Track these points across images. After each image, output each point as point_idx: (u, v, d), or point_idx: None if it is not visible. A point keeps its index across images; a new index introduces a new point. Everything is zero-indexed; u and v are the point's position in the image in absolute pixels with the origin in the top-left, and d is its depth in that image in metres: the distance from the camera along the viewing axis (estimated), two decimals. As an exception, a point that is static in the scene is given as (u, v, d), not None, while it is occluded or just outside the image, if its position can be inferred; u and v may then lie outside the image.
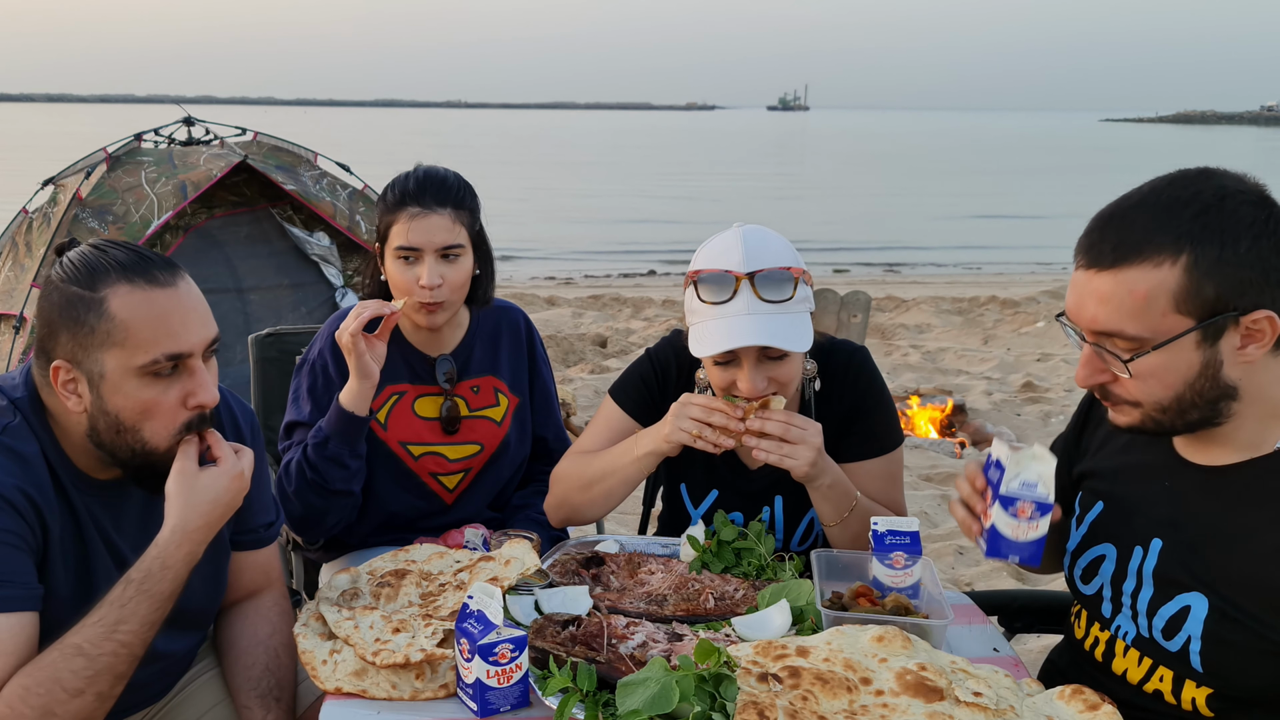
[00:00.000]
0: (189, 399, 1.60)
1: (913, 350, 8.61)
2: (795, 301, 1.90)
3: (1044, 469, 1.57)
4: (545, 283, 13.65)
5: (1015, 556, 1.58)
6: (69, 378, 1.57)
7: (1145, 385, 1.49)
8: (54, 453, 1.62)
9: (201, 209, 5.62)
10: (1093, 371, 1.54)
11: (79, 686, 1.48)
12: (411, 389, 2.33)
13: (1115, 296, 1.45)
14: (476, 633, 1.50)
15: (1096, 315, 1.48)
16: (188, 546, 1.58)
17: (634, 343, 8.74)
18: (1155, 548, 1.60)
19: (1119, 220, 1.48)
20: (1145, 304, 1.43)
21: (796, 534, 2.18)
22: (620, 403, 2.20)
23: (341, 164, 6.14)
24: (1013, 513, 1.58)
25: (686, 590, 1.86)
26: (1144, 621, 1.60)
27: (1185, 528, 1.58)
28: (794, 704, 1.33)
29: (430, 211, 2.17)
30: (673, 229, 18.64)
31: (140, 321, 1.54)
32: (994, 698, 1.37)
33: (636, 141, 74.48)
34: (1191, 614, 1.53)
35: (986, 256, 16.97)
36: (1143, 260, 1.43)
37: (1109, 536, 1.70)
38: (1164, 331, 1.44)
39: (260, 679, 1.79)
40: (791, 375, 1.96)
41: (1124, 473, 1.71)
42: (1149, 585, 1.60)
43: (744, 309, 1.87)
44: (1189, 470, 1.60)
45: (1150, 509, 1.63)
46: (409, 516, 2.37)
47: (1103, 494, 1.74)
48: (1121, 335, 1.46)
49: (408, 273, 2.19)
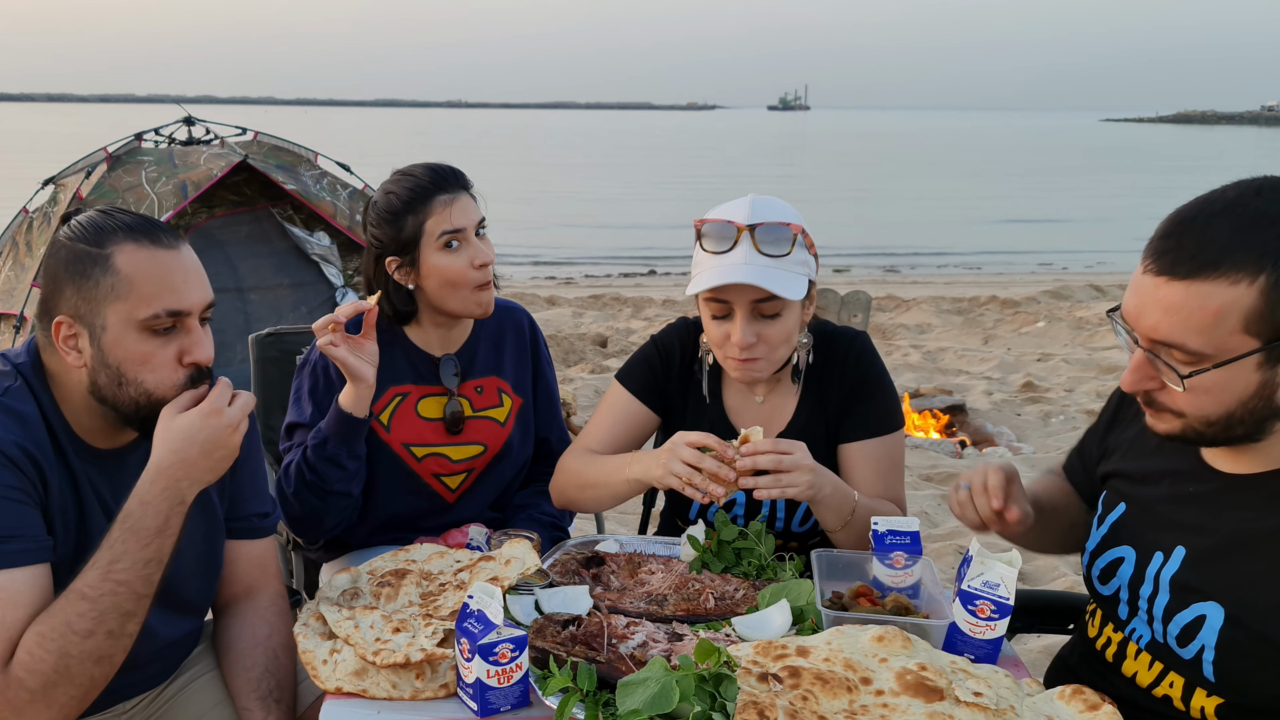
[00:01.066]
0: (184, 356, 1.66)
1: (913, 350, 8.61)
2: (792, 259, 1.95)
3: (1007, 572, 1.58)
4: (546, 282, 13.66)
5: (971, 655, 1.59)
6: (70, 333, 1.62)
7: (1197, 400, 1.43)
8: (55, 417, 1.67)
9: (202, 208, 5.63)
10: (1143, 379, 1.47)
11: (88, 628, 1.53)
12: (415, 390, 2.33)
13: (1185, 309, 1.37)
14: (477, 632, 1.50)
15: (1159, 324, 1.40)
16: (162, 482, 1.60)
17: (634, 342, 8.75)
18: (1178, 555, 1.57)
19: (1200, 228, 1.38)
20: (1215, 321, 1.36)
21: (797, 515, 2.19)
22: (626, 385, 2.23)
23: (342, 164, 6.15)
24: (972, 610, 1.60)
25: (687, 590, 1.86)
26: (1159, 627, 1.58)
27: (1208, 536, 1.54)
28: (794, 704, 1.33)
29: (458, 194, 2.23)
30: (673, 228, 18.66)
31: (144, 277, 1.61)
32: (994, 698, 1.37)
33: (637, 141, 74.50)
34: (1207, 623, 1.51)
35: (987, 256, 16.97)
36: (1220, 276, 1.34)
37: (1129, 539, 1.67)
38: (1228, 350, 1.37)
39: (260, 680, 1.79)
40: (783, 336, 2.00)
41: (1150, 476, 1.68)
42: (1165, 592, 1.58)
43: (741, 259, 1.93)
44: (1215, 478, 1.56)
45: (1174, 515, 1.60)
46: (410, 517, 2.37)
47: (1127, 495, 1.71)
48: (1183, 349, 1.39)
49: (458, 258, 2.21)
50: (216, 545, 1.87)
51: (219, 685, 1.87)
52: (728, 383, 2.22)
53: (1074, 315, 9.98)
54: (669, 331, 2.26)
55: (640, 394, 2.21)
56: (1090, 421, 1.89)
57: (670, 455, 1.87)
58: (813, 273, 2.03)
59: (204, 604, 1.91)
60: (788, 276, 1.94)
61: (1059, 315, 10.01)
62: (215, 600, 1.94)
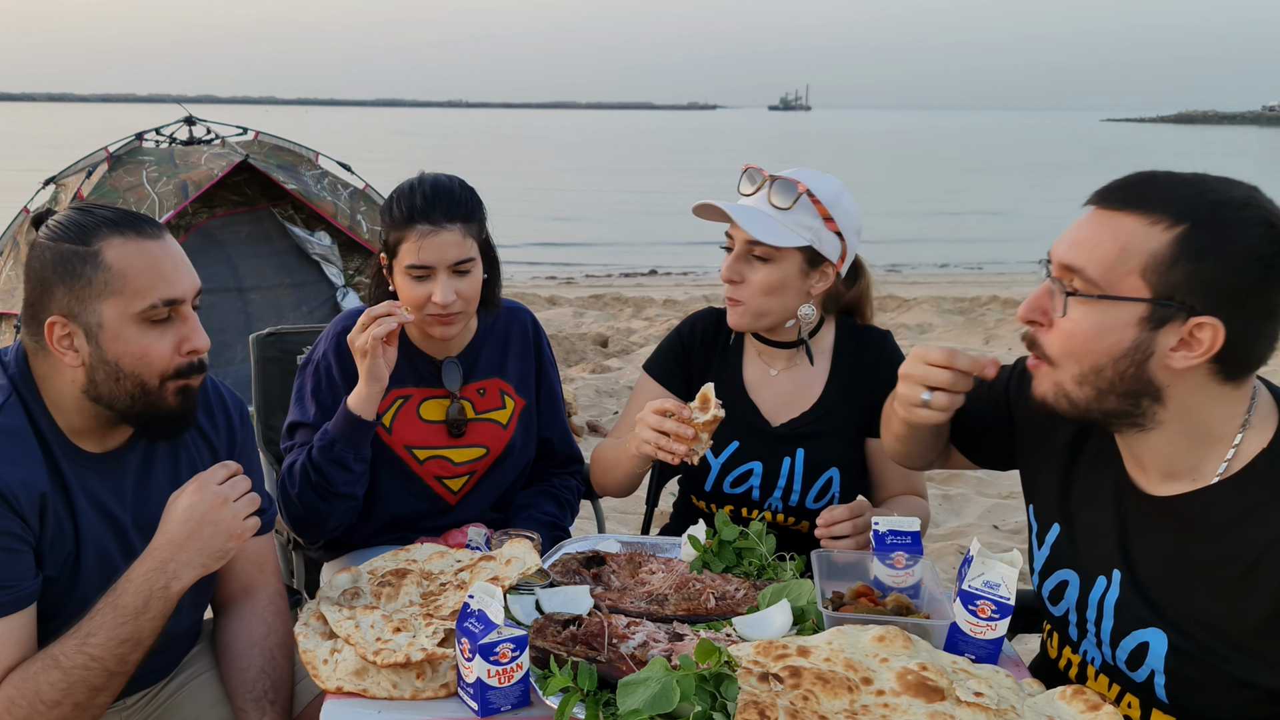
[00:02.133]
0: (183, 345, 1.67)
1: (914, 350, 8.61)
2: (793, 216, 2.10)
3: (1008, 572, 1.59)
4: (546, 282, 13.65)
5: (972, 655, 1.59)
6: (65, 333, 1.62)
7: (1070, 339, 1.44)
8: (47, 426, 1.66)
9: (203, 208, 5.63)
10: (1035, 306, 1.49)
11: (55, 698, 1.53)
12: (417, 392, 2.33)
13: (1098, 237, 1.42)
14: (477, 632, 1.50)
15: (1070, 248, 1.45)
16: (149, 563, 1.59)
17: (635, 342, 8.74)
18: (1116, 578, 1.57)
19: (1146, 177, 1.45)
20: (1119, 255, 1.40)
21: (814, 489, 2.24)
22: (653, 374, 2.37)
23: (343, 163, 6.15)
24: (972, 610, 1.60)
25: (687, 590, 1.86)
26: (1108, 650, 1.58)
27: (1141, 563, 1.54)
28: (795, 704, 1.33)
29: (440, 229, 2.14)
30: (674, 228, 18.65)
31: (136, 270, 1.61)
32: (995, 697, 1.37)
33: (638, 141, 74.50)
34: (1152, 649, 1.51)
35: (988, 256, 16.96)
36: (1141, 213, 1.39)
37: (1070, 562, 1.66)
38: (1117, 288, 1.40)
39: (255, 682, 1.79)
40: (767, 285, 2.14)
41: (1078, 496, 1.66)
42: (1110, 616, 1.57)
43: (752, 203, 2.13)
44: (1139, 499, 1.55)
45: (1107, 539, 1.59)
46: (412, 518, 2.37)
47: (1058, 517, 1.69)
48: (1081, 275, 1.42)
49: (419, 289, 2.17)
50: None
51: (216, 685, 1.87)
52: (747, 359, 2.33)
53: (1075, 315, 9.97)
54: (691, 318, 2.40)
55: (665, 381, 2.35)
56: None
57: (640, 424, 1.97)
58: (822, 245, 2.13)
59: (202, 599, 1.91)
60: (778, 227, 2.09)
61: (1060, 315, 10.01)
62: (214, 598, 1.94)
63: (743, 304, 2.16)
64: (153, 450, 1.80)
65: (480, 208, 2.25)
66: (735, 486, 2.27)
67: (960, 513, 5.01)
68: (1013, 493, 5.23)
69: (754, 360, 2.32)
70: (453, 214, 2.16)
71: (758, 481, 2.26)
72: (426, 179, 2.22)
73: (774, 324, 2.22)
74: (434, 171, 2.27)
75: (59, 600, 1.65)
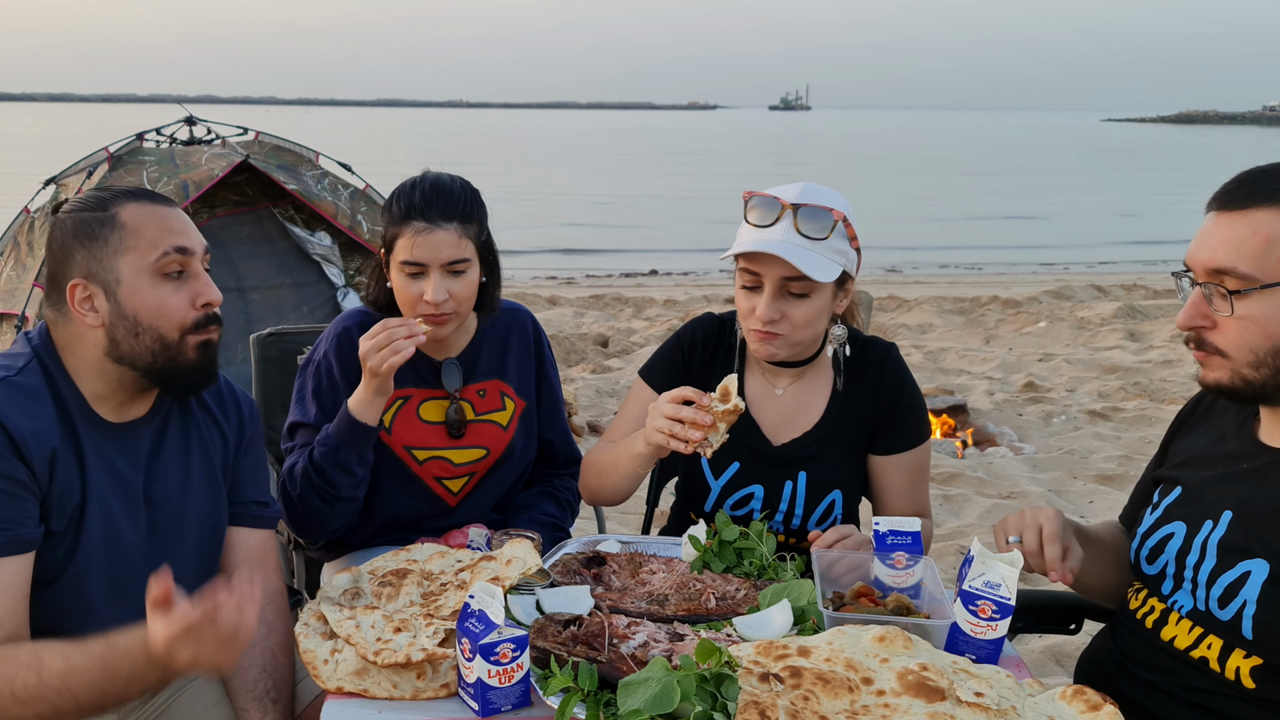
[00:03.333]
0: (197, 299, 1.76)
1: (914, 350, 8.60)
2: (829, 244, 1.99)
3: (1009, 572, 1.59)
4: (547, 282, 13.65)
5: (972, 655, 1.59)
6: (85, 294, 1.71)
7: (1244, 330, 1.52)
8: (68, 390, 1.73)
9: (203, 208, 5.62)
10: (1195, 313, 1.57)
11: (22, 698, 1.54)
12: (416, 393, 2.33)
13: (1237, 236, 1.51)
14: (478, 632, 1.50)
15: (1214, 253, 1.52)
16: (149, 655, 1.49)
17: (635, 342, 8.74)
18: (1225, 519, 1.63)
19: (1260, 174, 1.54)
20: (1265, 246, 1.48)
21: (816, 513, 2.20)
22: (648, 380, 2.30)
23: (343, 163, 6.14)
24: (973, 610, 1.60)
25: (688, 590, 1.86)
26: (1202, 594, 1.63)
27: (1257, 499, 1.60)
28: (795, 704, 1.33)
29: (436, 227, 2.13)
30: (674, 228, 18.66)
31: (148, 225, 1.72)
32: (995, 698, 1.37)
33: (638, 141, 74.50)
34: (1250, 580, 1.56)
35: (988, 256, 16.96)
36: (1270, 205, 1.49)
37: (1181, 516, 1.72)
38: (1277, 274, 1.48)
39: (257, 681, 1.80)
40: (806, 319, 2.04)
41: (1205, 460, 1.74)
42: (1212, 556, 1.63)
43: (780, 235, 1.98)
44: (1267, 453, 1.63)
45: (1224, 487, 1.67)
46: (412, 519, 2.37)
47: (1181, 480, 1.77)
48: (1234, 273, 1.50)
49: (412, 287, 2.17)
50: (219, 523, 1.90)
51: (217, 685, 1.87)
52: (750, 374, 2.25)
53: (1076, 315, 9.97)
54: (690, 325, 2.32)
55: (661, 389, 2.22)
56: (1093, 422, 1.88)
57: (654, 413, 1.92)
58: (851, 266, 2.06)
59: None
60: (821, 260, 1.98)
61: (1061, 315, 10.01)
62: None
63: (781, 337, 2.05)
64: (166, 427, 1.85)
65: (480, 209, 2.24)
66: (736, 509, 2.22)
67: (960, 513, 5.01)
68: (1012, 493, 5.23)
69: (757, 377, 2.24)
70: (450, 213, 2.15)
71: (758, 505, 2.21)
72: (428, 177, 2.22)
73: (807, 352, 2.16)
74: (438, 170, 2.26)
75: (60, 564, 1.68)
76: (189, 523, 1.83)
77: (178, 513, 1.83)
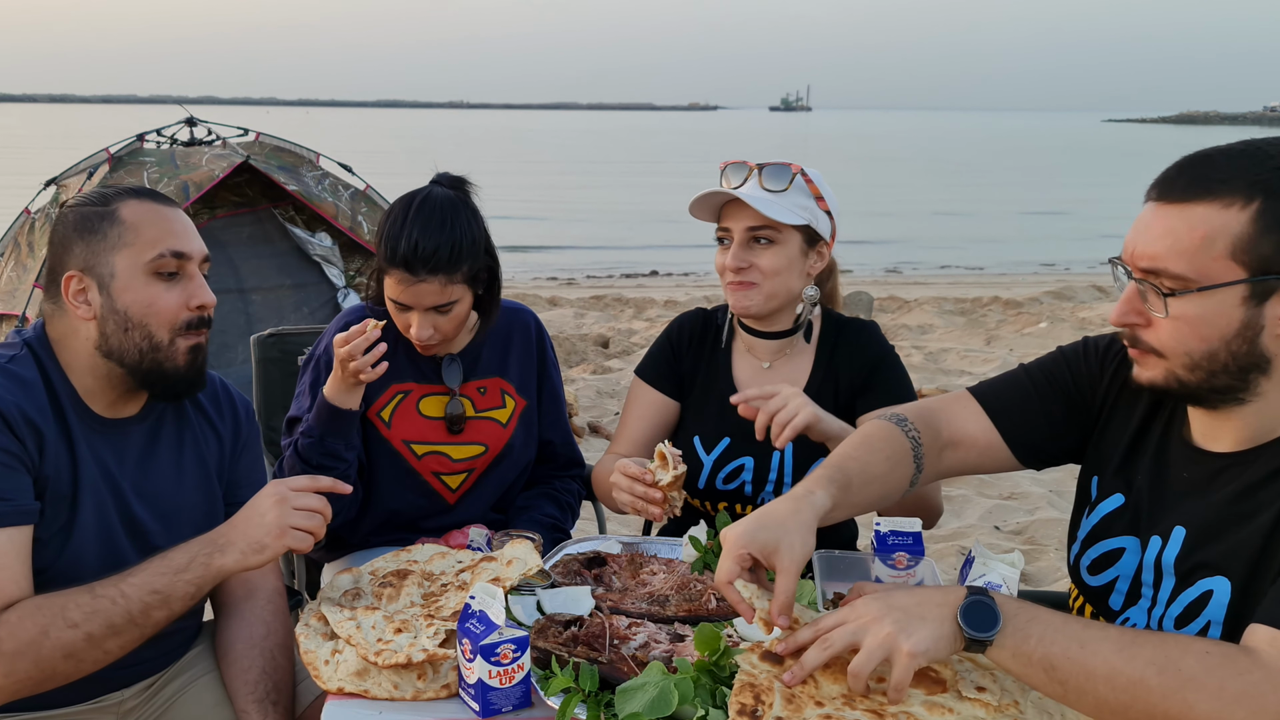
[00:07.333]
0: (190, 300, 1.77)
1: (915, 351, 8.60)
2: (790, 197, 2.14)
3: (1010, 573, 1.60)
4: (547, 283, 13.66)
5: None
6: (80, 287, 1.72)
7: (1178, 332, 1.43)
8: (60, 382, 1.74)
9: (204, 209, 5.63)
10: (1129, 310, 1.48)
11: (75, 619, 1.58)
12: (416, 388, 2.33)
13: (1175, 232, 1.40)
14: (479, 633, 1.50)
15: (1150, 248, 1.43)
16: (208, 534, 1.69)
17: (636, 343, 8.74)
18: (1177, 536, 1.56)
19: (1201, 160, 1.43)
20: (1202, 244, 1.38)
21: None
22: (644, 378, 2.39)
23: (344, 164, 6.15)
24: None
25: (689, 591, 1.86)
26: (1159, 611, 1.58)
27: (1206, 513, 1.54)
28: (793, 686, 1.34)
29: (420, 280, 2.12)
30: (675, 228, 18.66)
31: (147, 224, 1.74)
32: (998, 692, 1.37)
33: (639, 141, 74.49)
34: (1214, 599, 1.51)
35: (989, 257, 16.96)
36: (1212, 199, 1.38)
37: (1126, 530, 1.66)
38: (1213, 277, 1.39)
39: (257, 682, 1.79)
40: (775, 267, 2.17)
41: (1140, 465, 1.67)
42: (1170, 575, 1.57)
43: (746, 190, 2.13)
44: (1208, 459, 1.56)
45: (1169, 500, 1.60)
46: (411, 516, 2.37)
47: (1120, 487, 1.69)
48: (1169, 273, 1.41)
49: (400, 318, 2.22)
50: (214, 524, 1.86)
51: (218, 686, 1.87)
52: (738, 354, 2.35)
53: (1077, 316, 9.97)
54: (678, 319, 2.43)
55: (657, 383, 2.37)
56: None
57: (616, 488, 2.01)
58: (818, 224, 2.19)
59: None
60: (782, 209, 2.12)
61: (1062, 316, 10.00)
62: (214, 597, 1.93)
63: (754, 287, 2.17)
64: (160, 427, 1.86)
65: (470, 254, 2.15)
66: (728, 483, 2.28)
67: (961, 514, 5.01)
68: (1013, 493, 5.22)
69: (744, 356, 2.34)
70: (435, 268, 2.11)
71: (749, 477, 2.26)
72: (417, 219, 2.11)
73: (781, 306, 2.23)
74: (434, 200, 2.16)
75: (54, 553, 1.69)
76: (183, 523, 1.83)
77: (171, 512, 1.84)
